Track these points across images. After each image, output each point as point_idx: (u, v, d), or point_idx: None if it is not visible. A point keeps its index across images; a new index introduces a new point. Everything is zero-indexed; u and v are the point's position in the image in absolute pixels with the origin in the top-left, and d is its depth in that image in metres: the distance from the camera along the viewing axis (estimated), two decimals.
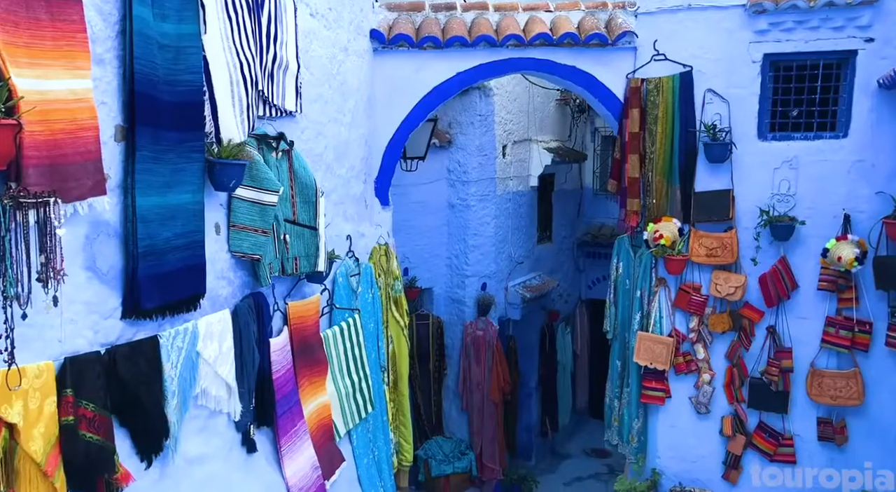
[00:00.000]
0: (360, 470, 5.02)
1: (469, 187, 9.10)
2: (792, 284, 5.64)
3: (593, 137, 11.92)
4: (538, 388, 10.49)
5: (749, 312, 5.80)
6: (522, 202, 9.93)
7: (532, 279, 10.12)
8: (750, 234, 5.72)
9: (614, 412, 6.61)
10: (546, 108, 10.40)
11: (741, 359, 5.88)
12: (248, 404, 3.81)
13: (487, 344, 9.10)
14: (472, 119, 8.98)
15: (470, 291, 9.24)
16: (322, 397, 4.59)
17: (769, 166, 5.62)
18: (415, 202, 8.90)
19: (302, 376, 4.38)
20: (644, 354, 6.09)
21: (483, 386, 9.14)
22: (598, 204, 11.79)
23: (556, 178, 10.87)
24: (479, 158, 9.03)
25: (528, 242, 10.13)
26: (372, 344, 5.28)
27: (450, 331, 9.46)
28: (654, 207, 5.94)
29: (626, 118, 5.96)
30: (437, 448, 9.08)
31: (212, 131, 3.53)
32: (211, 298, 3.59)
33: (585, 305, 11.64)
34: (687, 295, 5.94)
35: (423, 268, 9.18)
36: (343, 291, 4.92)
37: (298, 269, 4.23)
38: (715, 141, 5.64)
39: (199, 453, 3.47)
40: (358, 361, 4.95)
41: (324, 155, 4.69)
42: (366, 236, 5.45)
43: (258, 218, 3.81)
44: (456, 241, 9.29)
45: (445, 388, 9.50)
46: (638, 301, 6.23)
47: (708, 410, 6.02)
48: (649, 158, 5.89)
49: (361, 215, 5.43)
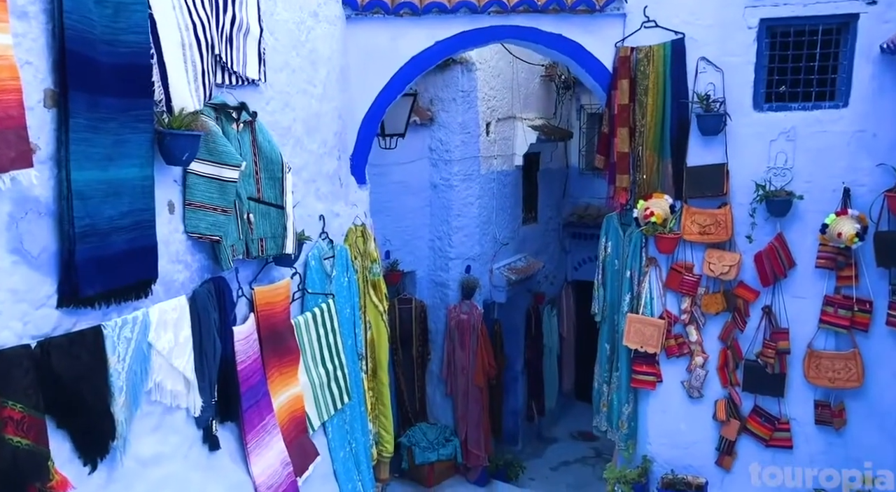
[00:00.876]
0: (335, 464, 4.74)
1: (452, 166, 8.78)
2: (789, 262, 5.39)
3: (579, 115, 11.63)
4: (524, 371, 10.28)
5: (744, 292, 5.55)
6: (507, 182, 9.64)
7: (517, 261, 9.85)
8: (745, 210, 5.46)
9: (603, 397, 6.37)
10: (531, 85, 10.07)
11: (735, 341, 5.64)
12: (209, 398, 3.50)
13: (472, 328, 8.84)
14: (455, 95, 8.65)
15: (454, 274, 8.96)
16: (294, 388, 4.29)
17: (765, 138, 5.35)
18: (395, 182, 8.57)
19: (271, 366, 4.08)
20: (634, 336, 5.83)
21: (468, 371, 8.88)
22: (584, 184, 11.55)
23: (542, 157, 10.58)
24: (461, 136, 8.72)
25: (512, 222, 9.85)
26: (348, 331, 4.98)
27: (433, 315, 9.18)
28: (645, 183, 5.66)
29: (614, 89, 5.65)
30: (421, 435, 8.84)
31: (162, 99, 3.18)
32: (165, 283, 3.27)
33: (572, 287, 11.43)
34: (679, 275, 5.68)
35: (404, 250, 8.88)
36: (316, 275, 4.61)
37: (264, 251, 3.90)
38: (708, 112, 5.35)
39: (154, 452, 3.17)
40: (333, 349, 4.65)
41: (292, 128, 4.35)
42: (340, 216, 5.13)
43: (217, 195, 3.47)
44: (439, 222, 8.99)
45: (429, 373, 9.24)
46: (627, 282, 5.96)
47: (701, 394, 5.78)
48: (639, 132, 5.60)
49: (336, 194, 5.11)
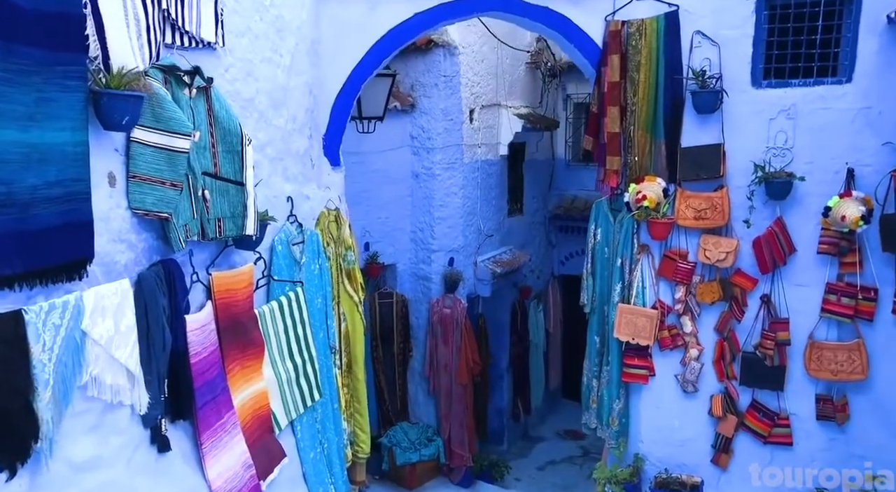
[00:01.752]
0: (305, 466, 4.37)
1: (434, 155, 8.44)
2: (789, 248, 5.08)
3: (565, 105, 11.31)
4: (509, 368, 9.97)
5: (741, 280, 5.24)
6: (492, 172, 9.31)
7: (502, 254, 9.53)
8: (742, 193, 5.14)
9: (592, 393, 6.04)
10: (516, 72, 9.75)
11: (732, 332, 5.33)
12: (158, 394, 3.13)
13: (455, 323, 8.51)
14: (437, 80, 8.30)
15: (436, 267, 8.63)
16: (258, 384, 3.93)
17: (764, 117, 5.03)
18: (375, 171, 8.22)
19: (231, 359, 3.71)
20: (625, 328, 5.51)
21: (451, 368, 8.55)
22: (571, 175, 11.26)
23: (527, 147, 10.28)
24: (444, 123, 8.37)
25: (497, 214, 9.53)
26: (319, 322, 4.62)
27: (415, 309, 8.84)
28: (636, 165, 5.33)
29: (604, 66, 5.32)
30: (403, 435, 8.50)
31: (98, 56, 2.81)
32: (104, 264, 2.90)
33: (558, 282, 11.15)
34: (672, 262, 5.36)
35: (385, 242, 8.52)
36: (283, 261, 4.24)
37: (222, 232, 3.53)
38: (704, 89, 5.03)
39: (91, 455, 2.79)
40: (301, 341, 4.28)
41: (255, 100, 3.98)
42: (311, 200, 4.76)
43: (165, 167, 3.10)
44: (421, 213, 8.65)
45: (411, 370, 8.90)
46: (618, 270, 5.64)
47: (696, 388, 5.47)
48: (630, 111, 5.27)
49: (306, 176, 4.74)
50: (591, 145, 5.60)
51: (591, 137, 5.61)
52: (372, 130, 6.78)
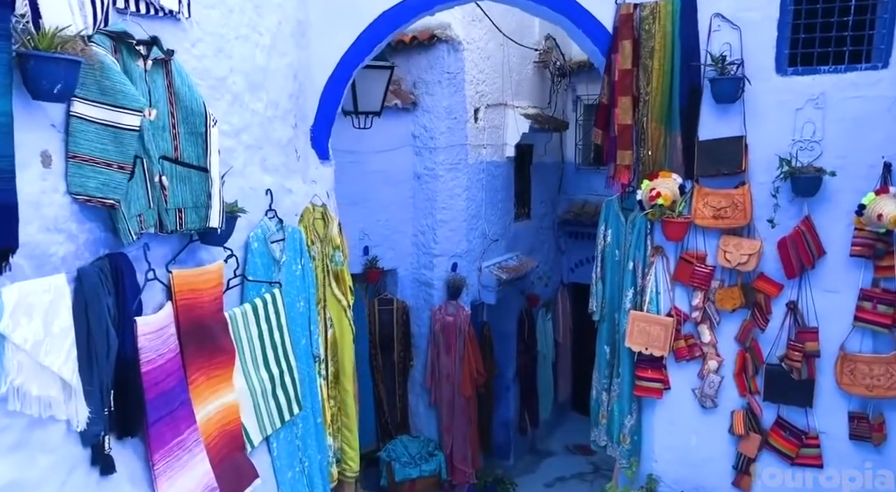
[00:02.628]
0: (281, 487, 3.94)
1: (437, 155, 8.06)
2: (818, 250, 4.63)
3: (575, 106, 10.92)
4: (516, 380, 9.54)
5: (765, 285, 4.79)
6: (497, 174, 8.91)
7: (509, 259, 9.12)
8: (766, 189, 4.71)
9: (602, 408, 5.59)
10: (523, 71, 9.37)
11: (755, 342, 4.88)
12: (100, 408, 2.72)
13: (458, 331, 8.09)
14: (440, 77, 7.93)
15: (439, 272, 8.22)
16: (227, 396, 3.52)
17: (790, 106, 4.60)
18: (375, 172, 7.84)
19: (196, 367, 3.30)
20: (638, 337, 5.07)
21: (453, 378, 8.12)
22: (581, 179, 10.86)
23: (535, 149, 9.88)
24: (447, 122, 7.99)
25: (503, 218, 9.12)
26: (301, 328, 4.21)
27: (416, 317, 8.44)
28: (650, 160, 4.90)
29: (615, 53, 4.91)
30: (402, 449, 8.08)
31: (27, 13, 2.43)
32: (35, 257, 2.50)
33: (568, 290, 10.73)
34: (689, 266, 4.93)
35: (385, 246, 8.13)
36: (259, 259, 3.84)
37: (184, 224, 3.14)
38: (723, 76, 4.61)
39: (11, 479, 2.39)
40: (279, 348, 3.88)
41: (229, 80, 3.59)
42: (295, 194, 4.37)
43: (112, 147, 2.71)
44: (423, 215, 8.25)
45: (412, 381, 8.49)
46: (630, 275, 5.20)
47: (715, 403, 5.02)
48: (643, 101, 4.85)
49: (290, 168, 4.35)
50: (601, 139, 5.18)
51: (600, 131, 5.19)
52: (369, 126, 6.40)
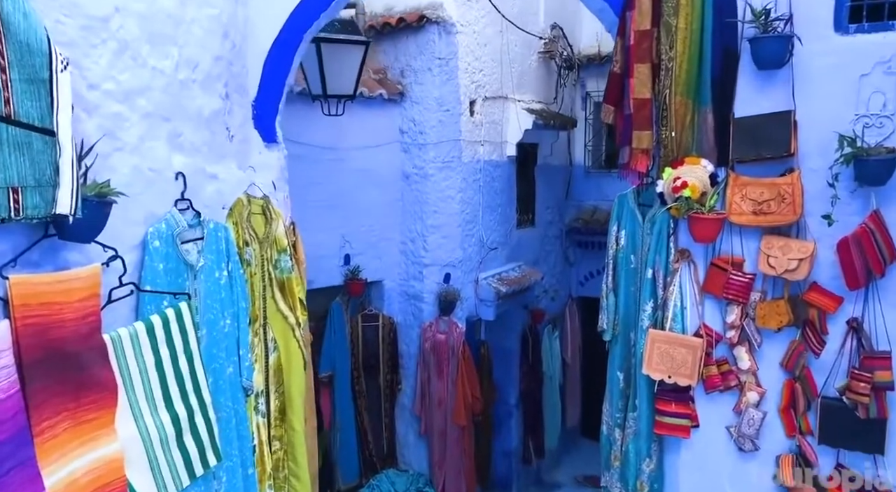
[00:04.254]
0: None
1: (427, 151, 7.17)
2: (890, 254, 3.64)
3: (584, 104, 10.01)
4: (519, 405, 8.60)
5: (819, 298, 3.81)
6: (497, 175, 8.00)
7: (510, 270, 8.18)
8: (821, 177, 3.74)
9: (614, 448, 4.61)
10: (526, 61, 8.47)
11: (807, 369, 3.90)
12: None
13: (451, 350, 7.16)
14: (430, 64, 7.06)
15: (429, 284, 7.31)
16: (105, 447, 2.58)
17: (852, 72, 3.64)
18: (357, 171, 6.95)
19: (51, 410, 2.37)
20: (659, 362, 4.11)
21: (446, 404, 7.18)
22: (590, 184, 9.96)
23: (540, 149, 8.98)
24: (438, 115, 7.11)
25: (504, 224, 8.19)
26: (227, 352, 3.28)
27: (405, 334, 7.51)
28: (674, 142, 3.96)
29: (630, 10, 3.99)
30: (389, 485, 7.12)
31: None
32: None
33: (577, 304, 9.79)
34: (723, 274, 3.96)
35: (369, 255, 7.21)
36: (162, 263, 2.92)
37: (22, 209, 2.22)
38: (767, 34, 3.67)
39: None
40: (187, 380, 2.95)
41: (113, 23, 2.68)
42: (222, 181, 3.46)
43: None
44: (412, 220, 7.35)
45: (400, 407, 7.54)
46: (649, 285, 4.25)
47: (755, 446, 4.03)
48: (665, 69, 3.92)
49: (217, 149, 3.44)
50: (612, 117, 4.23)
51: (611, 107, 4.23)
52: (341, 113, 5.50)
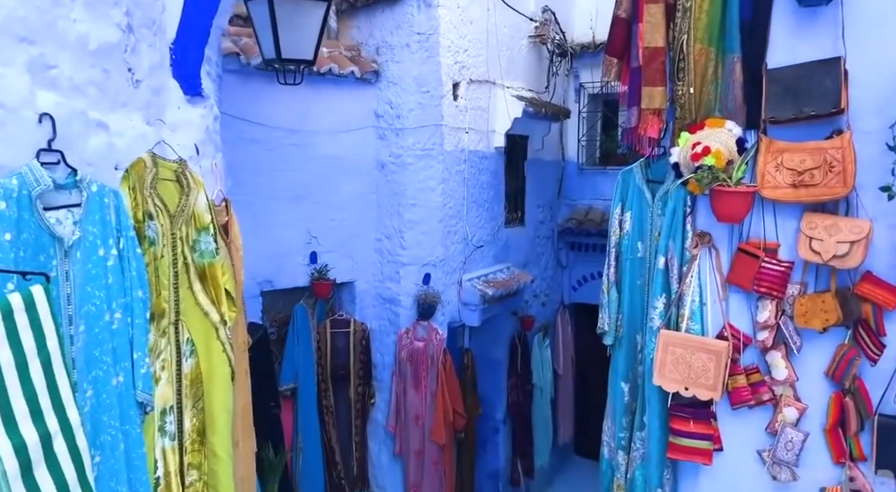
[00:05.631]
0: None
1: (405, 138, 6.43)
2: None
3: (578, 96, 9.31)
4: (506, 420, 7.86)
5: (876, 291, 3.08)
6: (483, 168, 7.27)
7: (497, 272, 7.43)
8: (878, 140, 3.02)
9: (617, 474, 3.84)
10: (516, 45, 7.77)
11: (859, 380, 3.16)
12: None
13: (430, 360, 6.40)
14: (408, 40, 6.33)
15: (407, 286, 6.55)
16: None
17: None
18: (326, 158, 6.19)
19: None
20: (673, 370, 3.35)
21: (423, 420, 6.39)
22: (584, 182, 9.30)
23: (530, 141, 8.26)
24: (418, 96, 6.38)
25: (491, 221, 7.45)
26: (117, 355, 2.50)
27: (379, 342, 6.73)
28: (693, 100, 3.23)
29: None
30: None
31: None
32: None
33: (570, 311, 9.08)
34: (752, 261, 3.23)
35: (339, 253, 6.44)
36: (10, 232, 2.12)
37: None
38: None
39: None
40: (41, 393, 2.16)
41: None
42: (117, 135, 2.66)
43: None
44: (388, 214, 6.60)
45: (373, 423, 6.75)
46: (660, 277, 3.50)
47: (794, 475, 3.28)
48: (682, 9, 3.20)
49: (112, 94, 2.67)
50: (615, 71, 3.49)
51: (614, 59, 3.50)
52: (299, 82, 4.74)
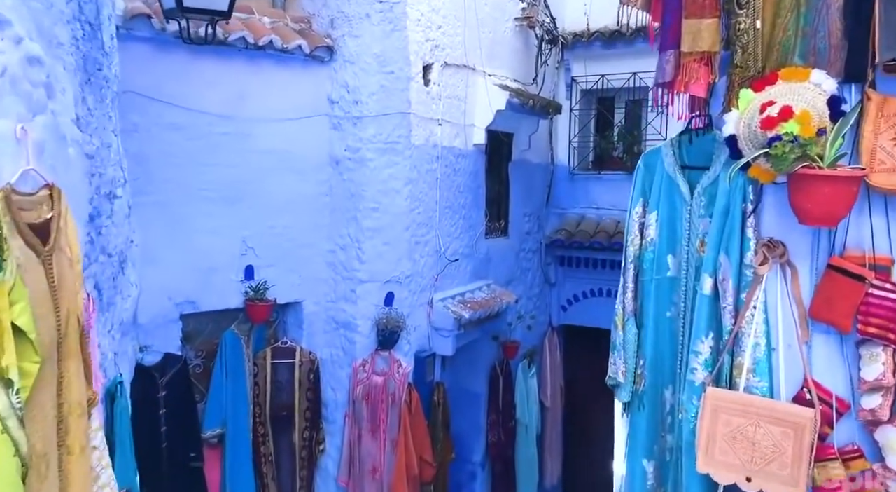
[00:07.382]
0: None
1: (365, 127, 5.28)
2: None
3: (569, 91, 8.25)
4: (485, 463, 6.80)
5: None
6: (460, 168, 6.16)
7: (475, 291, 6.31)
8: None
9: None
10: (499, 28, 6.71)
11: None
12: None
13: (391, 399, 5.26)
14: (368, 9, 5.22)
15: (365, 308, 5.36)
16: None
17: None
18: (267, 152, 5.00)
19: None
20: (728, 450, 2.23)
21: (381, 473, 5.22)
22: (576, 188, 8.25)
23: (516, 140, 7.18)
24: (380, 78, 5.24)
25: (469, 231, 6.33)
26: None
27: (331, 376, 5.52)
28: (760, 41, 2.13)
29: None
30: None
31: None
32: None
33: (559, 334, 8.00)
34: (853, 285, 2.11)
35: (282, 267, 5.22)
36: None
37: None
38: None
39: None
40: None
41: None
42: None
43: None
44: (343, 220, 5.41)
45: (322, 474, 5.56)
46: (706, 306, 2.37)
47: None
48: None
49: None
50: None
51: None
52: (211, 39, 3.63)
